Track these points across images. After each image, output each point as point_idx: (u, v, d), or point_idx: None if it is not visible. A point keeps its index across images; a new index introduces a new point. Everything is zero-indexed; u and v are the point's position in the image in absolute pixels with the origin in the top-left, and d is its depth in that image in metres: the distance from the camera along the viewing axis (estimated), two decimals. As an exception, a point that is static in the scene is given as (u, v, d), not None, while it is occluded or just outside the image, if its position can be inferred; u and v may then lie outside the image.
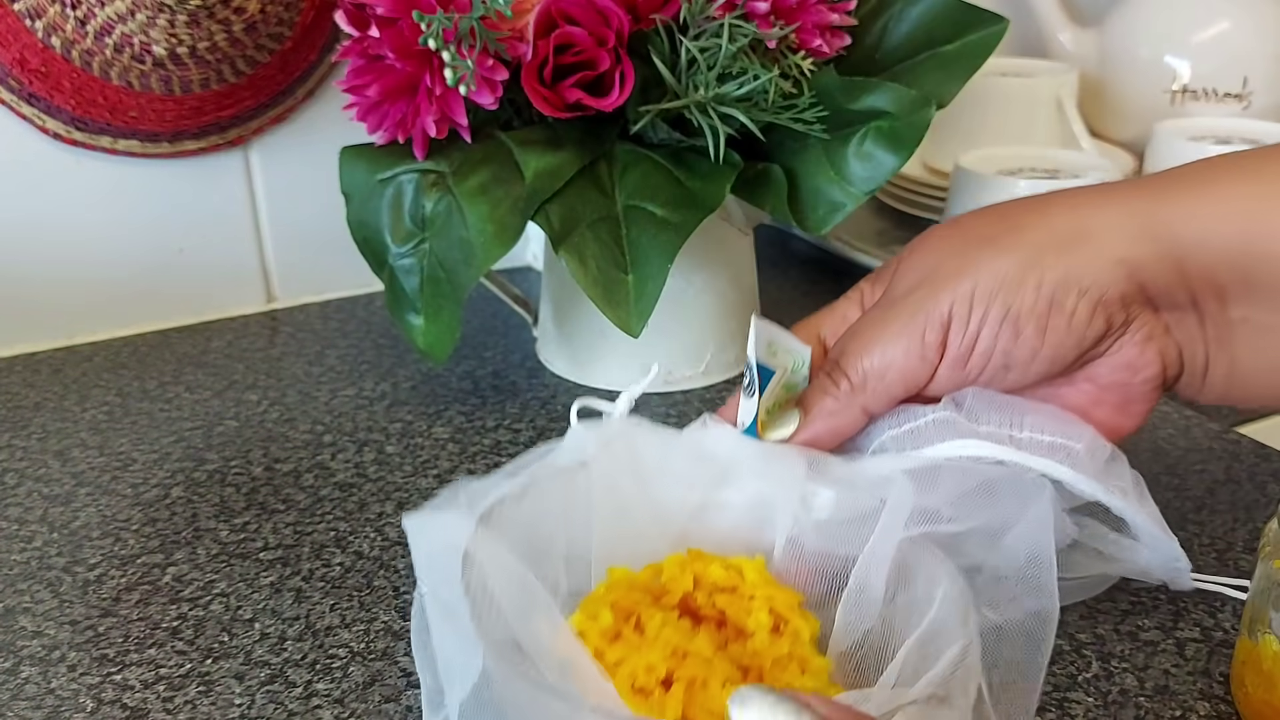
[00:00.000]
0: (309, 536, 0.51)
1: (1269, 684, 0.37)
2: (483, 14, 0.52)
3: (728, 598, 0.38)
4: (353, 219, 0.59)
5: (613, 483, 0.40)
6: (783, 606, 0.37)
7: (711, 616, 0.38)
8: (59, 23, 0.63)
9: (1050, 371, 0.40)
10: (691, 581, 0.38)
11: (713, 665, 0.34)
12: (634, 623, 0.36)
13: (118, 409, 0.63)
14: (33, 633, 0.45)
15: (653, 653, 0.34)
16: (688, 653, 0.34)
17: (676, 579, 0.38)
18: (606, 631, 0.35)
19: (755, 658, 0.36)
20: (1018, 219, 0.40)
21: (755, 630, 0.36)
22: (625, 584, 0.38)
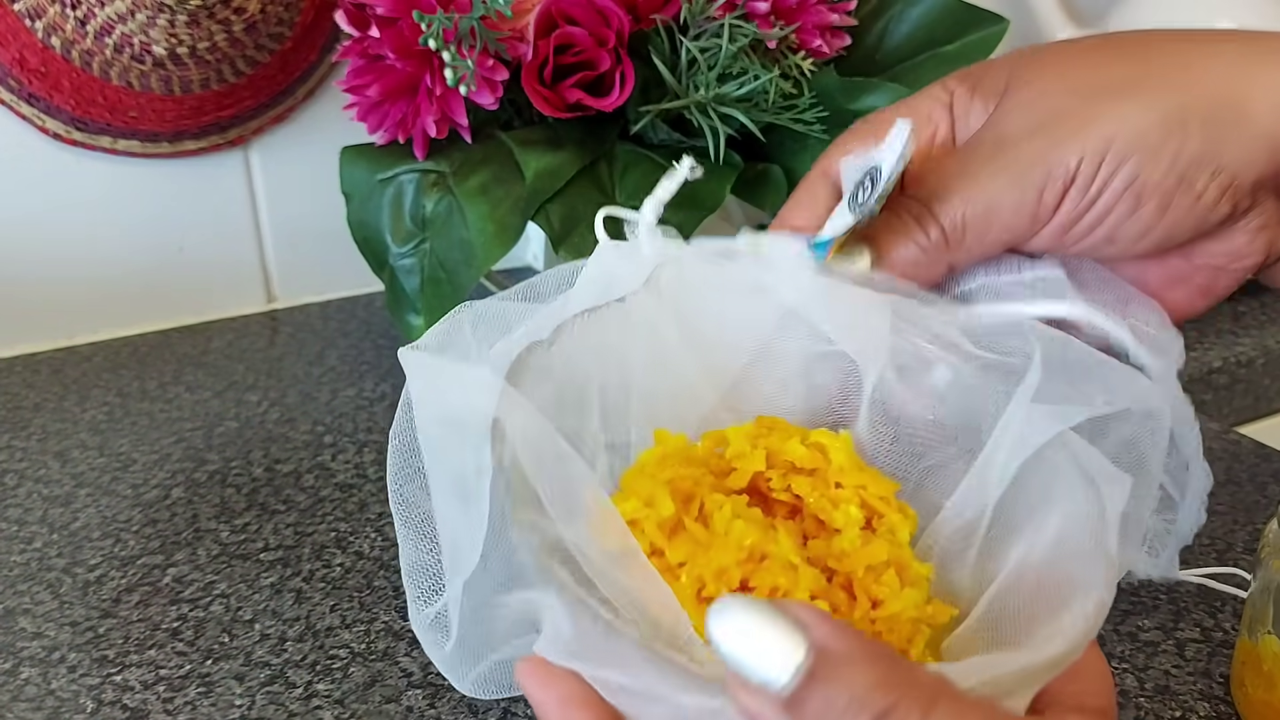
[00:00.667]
0: (309, 537, 0.51)
1: (1269, 684, 0.37)
2: (483, 14, 0.52)
3: (808, 482, 0.31)
4: (353, 219, 0.59)
5: (652, 326, 0.33)
6: (875, 498, 0.31)
7: (785, 503, 0.32)
8: (59, 23, 0.63)
9: (1154, 251, 0.35)
10: (764, 460, 0.31)
11: (798, 574, 0.28)
12: (696, 509, 0.30)
13: (118, 409, 0.63)
14: (33, 634, 0.45)
15: (724, 553, 0.28)
16: (765, 555, 0.28)
17: (746, 456, 0.31)
18: (665, 523, 0.28)
19: (843, 560, 0.30)
20: (1162, 63, 0.34)
21: (844, 527, 0.30)
22: (680, 456, 0.31)
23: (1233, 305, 0.78)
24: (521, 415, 0.28)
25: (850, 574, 0.29)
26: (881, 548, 0.29)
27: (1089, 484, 0.29)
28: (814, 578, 0.28)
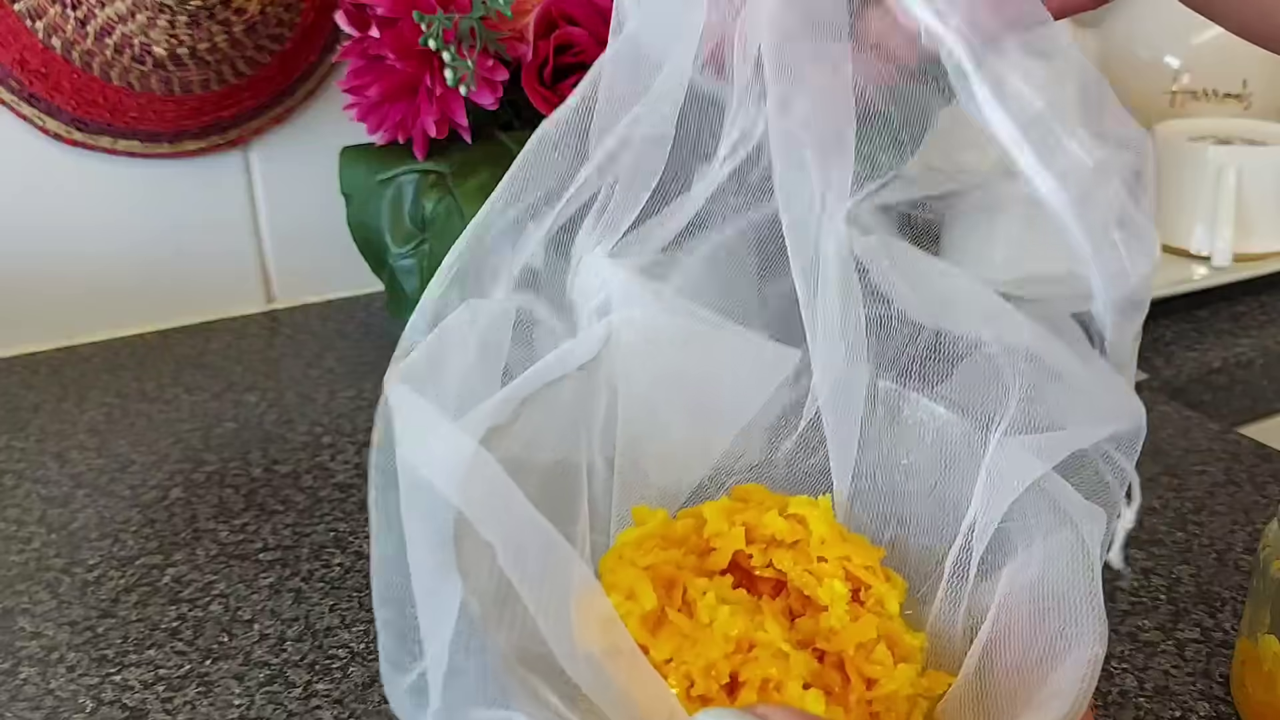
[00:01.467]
0: (308, 537, 0.51)
1: (1269, 684, 0.37)
2: (483, 14, 0.52)
3: (790, 556, 0.30)
4: (353, 220, 0.59)
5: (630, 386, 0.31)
6: (860, 568, 0.30)
7: (769, 579, 0.30)
8: (59, 23, 0.63)
9: None
10: (743, 537, 0.30)
11: (789, 661, 0.27)
12: (679, 598, 0.28)
13: (116, 410, 0.63)
14: (31, 634, 0.45)
15: (711, 647, 0.27)
16: (754, 643, 0.27)
17: (724, 534, 0.30)
18: (649, 617, 0.27)
19: (832, 639, 0.28)
20: None
21: (831, 603, 0.29)
22: (658, 537, 0.30)
23: (1232, 305, 0.79)
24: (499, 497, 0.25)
25: (841, 653, 0.28)
26: (871, 623, 0.28)
27: (1067, 524, 0.28)
28: (805, 663, 0.27)
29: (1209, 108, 0.89)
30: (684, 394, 0.32)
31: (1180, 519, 0.51)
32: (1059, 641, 0.26)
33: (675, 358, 0.32)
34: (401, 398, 0.27)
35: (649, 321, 0.31)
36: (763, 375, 0.32)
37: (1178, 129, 0.83)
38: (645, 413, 0.32)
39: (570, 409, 0.31)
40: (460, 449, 0.26)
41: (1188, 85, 0.89)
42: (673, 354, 0.32)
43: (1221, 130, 0.82)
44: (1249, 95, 0.88)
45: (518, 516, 0.25)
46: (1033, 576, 0.27)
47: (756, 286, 0.32)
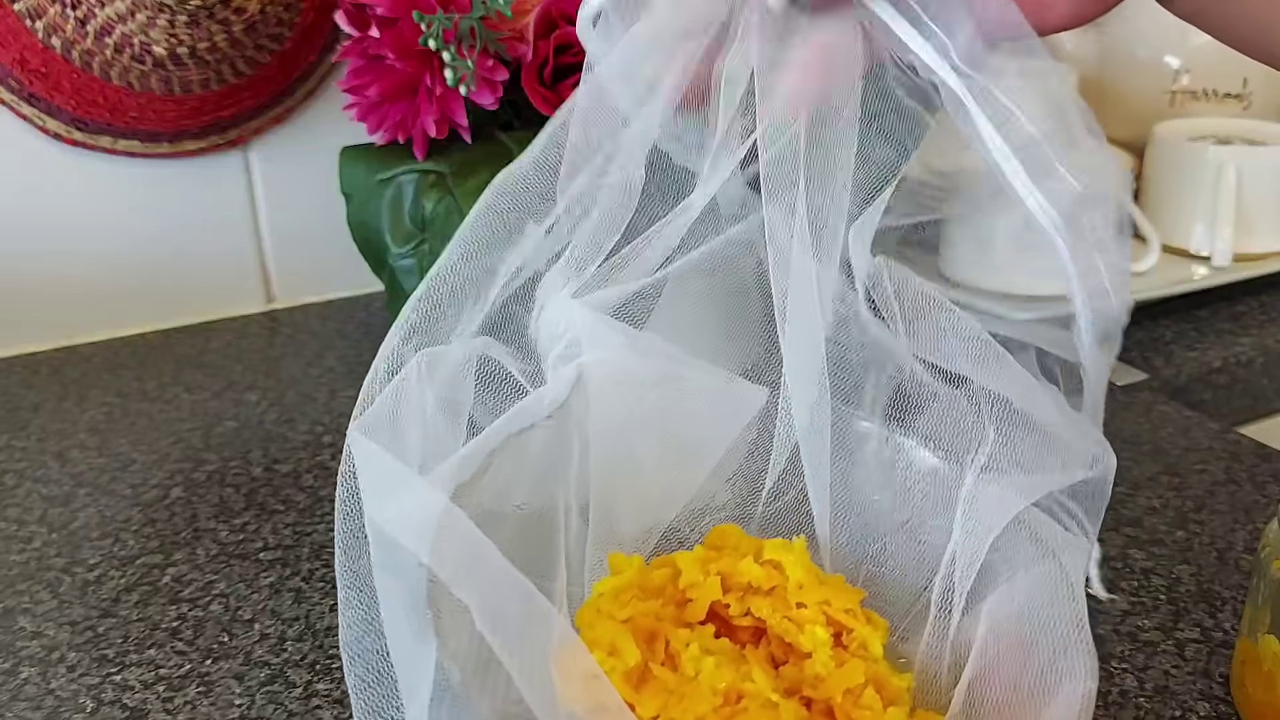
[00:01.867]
0: (308, 537, 0.51)
1: (1269, 684, 0.37)
2: (483, 14, 0.52)
3: (768, 603, 0.29)
4: (353, 219, 0.59)
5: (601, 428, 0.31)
6: (840, 612, 0.29)
7: (746, 627, 0.30)
8: (59, 23, 0.63)
9: None
10: (719, 587, 0.30)
11: (779, 711, 0.26)
12: (662, 650, 0.28)
13: (117, 409, 0.63)
14: (32, 633, 0.45)
15: (698, 701, 0.26)
16: (742, 694, 0.26)
17: (700, 585, 0.30)
18: (632, 673, 0.27)
19: (819, 686, 0.28)
20: None
21: (814, 649, 0.28)
22: (635, 587, 0.29)
23: (1232, 305, 0.79)
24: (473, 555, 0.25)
25: (829, 701, 0.28)
26: (857, 668, 0.28)
27: (1048, 555, 0.27)
28: (794, 712, 0.26)
29: (1209, 108, 0.89)
30: (655, 434, 0.32)
31: (1180, 518, 0.51)
32: (1049, 675, 0.26)
33: (646, 398, 0.31)
34: (365, 452, 0.27)
35: (619, 363, 0.31)
36: (733, 413, 0.32)
37: (1178, 129, 0.83)
38: (617, 454, 0.31)
39: (541, 456, 0.30)
40: (430, 505, 0.25)
41: (1188, 85, 0.89)
42: (643, 394, 0.31)
43: (1221, 130, 0.82)
44: (1249, 95, 0.88)
45: (493, 574, 0.24)
46: (1017, 609, 0.27)
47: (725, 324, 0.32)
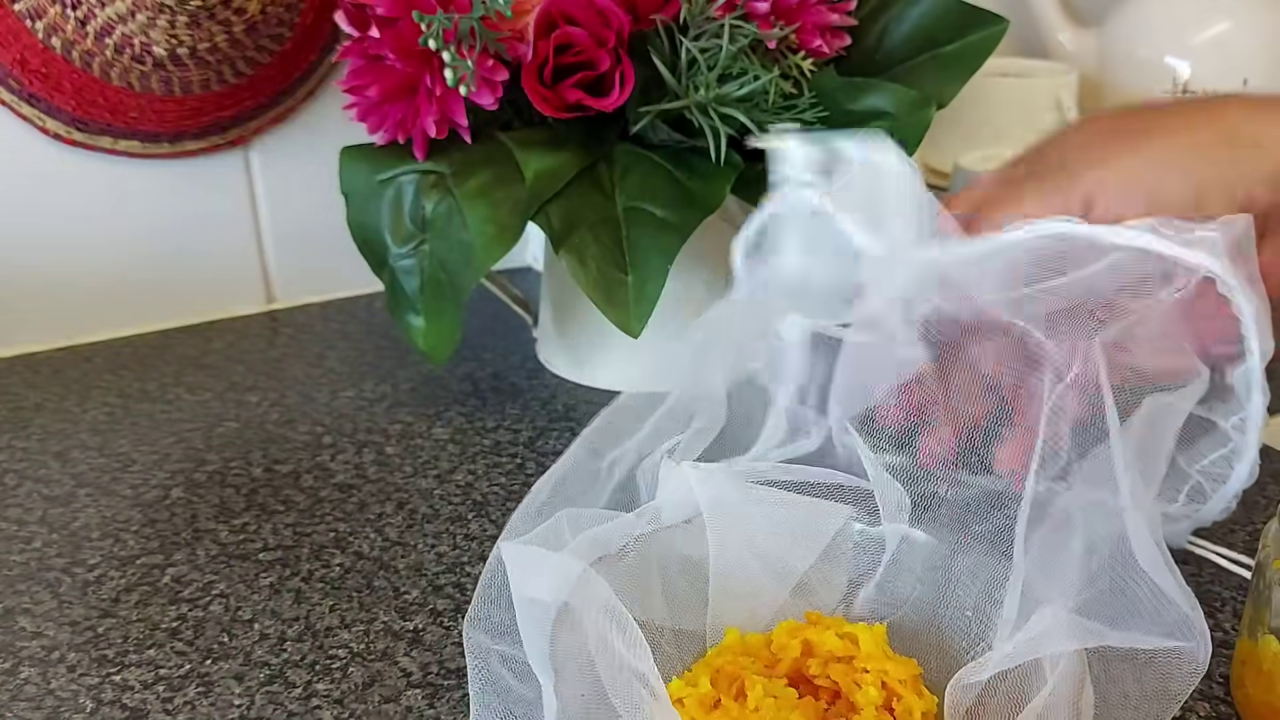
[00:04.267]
0: (308, 537, 0.51)
1: (1269, 684, 0.37)
2: (483, 14, 0.52)
3: (842, 668, 0.36)
4: (353, 220, 0.59)
5: (722, 540, 0.40)
6: (895, 681, 0.35)
7: (827, 688, 0.37)
8: (59, 23, 0.63)
9: None
10: (800, 648, 0.37)
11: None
12: (736, 690, 0.35)
13: (118, 410, 0.63)
14: (32, 633, 0.45)
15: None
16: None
17: (785, 646, 0.37)
18: (705, 699, 0.34)
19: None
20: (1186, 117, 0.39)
21: (864, 706, 0.35)
22: (736, 648, 0.37)
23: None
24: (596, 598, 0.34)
25: None
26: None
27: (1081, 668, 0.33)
28: None
29: (1209, 107, 0.89)
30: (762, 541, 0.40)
31: (1180, 519, 0.51)
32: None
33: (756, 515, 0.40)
34: (510, 548, 0.35)
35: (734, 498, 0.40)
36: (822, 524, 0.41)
37: (1178, 128, 0.83)
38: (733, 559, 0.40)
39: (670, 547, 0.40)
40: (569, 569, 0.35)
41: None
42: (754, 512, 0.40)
43: (1222, 130, 0.82)
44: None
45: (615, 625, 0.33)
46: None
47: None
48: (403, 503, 0.54)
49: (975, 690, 0.34)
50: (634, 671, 0.32)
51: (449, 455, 0.58)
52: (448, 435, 0.60)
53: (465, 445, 0.59)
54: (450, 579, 0.48)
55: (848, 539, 0.41)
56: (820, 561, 0.40)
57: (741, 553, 0.40)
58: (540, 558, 0.35)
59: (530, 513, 0.39)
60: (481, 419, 0.62)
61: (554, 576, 0.34)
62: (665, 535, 0.40)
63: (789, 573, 0.40)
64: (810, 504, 0.41)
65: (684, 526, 0.40)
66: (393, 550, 0.50)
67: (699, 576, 0.40)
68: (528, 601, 0.34)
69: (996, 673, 0.34)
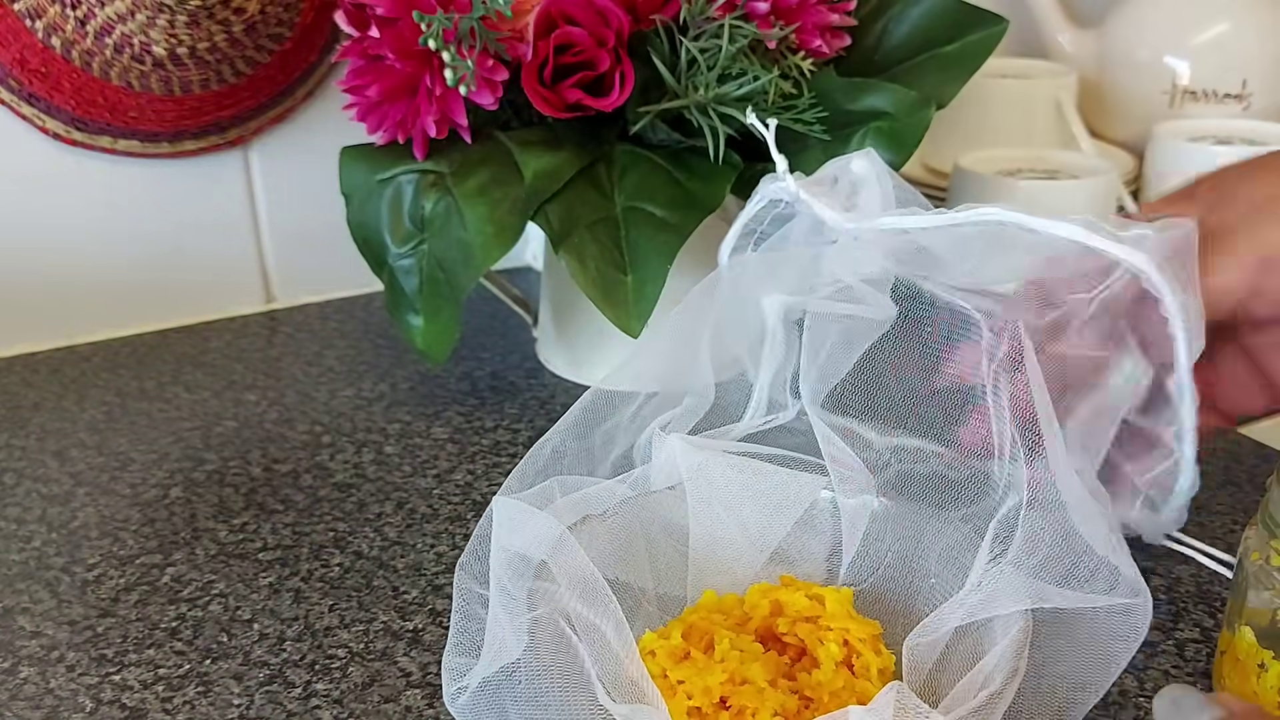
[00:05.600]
0: (308, 537, 0.51)
1: (1245, 674, 0.37)
2: (483, 14, 0.52)
3: (808, 627, 0.38)
4: (353, 219, 0.59)
5: (702, 506, 0.42)
6: (856, 639, 0.37)
7: (794, 645, 0.39)
8: (59, 23, 0.63)
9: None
10: (770, 607, 0.39)
11: (764, 695, 0.35)
12: (705, 644, 0.37)
13: (116, 409, 0.63)
14: (31, 633, 0.45)
15: (712, 675, 0.35)
16: (745, 679, 0.35)
17: (757, 605, 0.39)
18: (675, 651, 0.36)
19: (817, 689, 0.36)
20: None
21: (824, 661, 0.37)
22: (711, 606, 0.40)
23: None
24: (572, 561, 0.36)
25: (821, 699, 0.36)
26: (842, 676, 0.37)
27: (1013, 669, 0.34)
28: (779, 699, 0.35)
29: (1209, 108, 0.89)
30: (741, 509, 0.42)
31: (1180, 519, 0.51)
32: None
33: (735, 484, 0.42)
34: (502, 501, 0.37)
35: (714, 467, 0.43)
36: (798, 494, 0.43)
37: (1178, 129, 0.83)
38: (713, 525, 0.42)
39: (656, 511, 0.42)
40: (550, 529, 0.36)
41: (1188, 85, 0.89)
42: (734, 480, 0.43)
43: (1221, 130, 0.82)
44: (1249, 95, 0.88)
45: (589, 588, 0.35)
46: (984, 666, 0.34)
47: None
48: (402, 502, 0.54)
49: (935, 649, 0.36)
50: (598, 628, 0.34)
51: (448, 455, 0.58)
52: (447, 435, 0.60)
53: (464, 445, 0.59)
54: (450, 579, 0.48)
55: (824, 510, 0.43)
56: (797, 530, 0.43)
57: (721, 519, 0.42)
58: (526, 514, 0.37)
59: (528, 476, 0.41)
60: (480, 419, 0.62)
61: (535, 533, 0.36)
62: (651, 500, 0.42)
63: (766, 541, 0.42)
64: (789, 475, 0.43)
65: (669, 493, 0.42)
66: (392, 550, 0.50)
67: (682, 541, 0.42)
68: (507, 551, 0.36)
69: (955, 633, 0.36)
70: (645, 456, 0.43)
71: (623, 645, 0.35)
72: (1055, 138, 0.87)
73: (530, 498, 0.38)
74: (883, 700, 0.32)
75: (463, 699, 0.35)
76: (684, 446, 0.42)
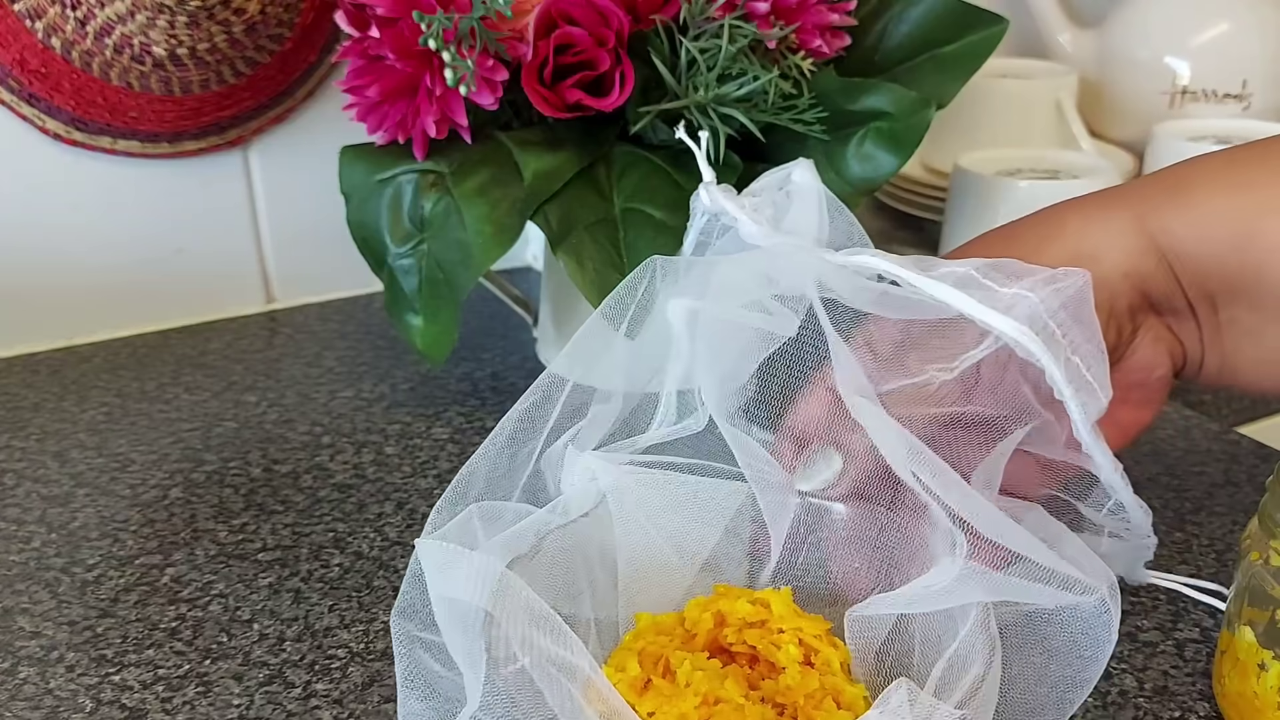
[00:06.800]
0: (307, 537, 0.51)
1: (1244, 674, 0.37)
2: (483, 14, 0.52)
3: (757, 632, 0.38)
4: (352, 219, 0.59)
5: (627, 525, 0.41)
6: (811, 637, 0.37)
7: (744, 653, 0.38)
8: (59, 23, 0.63)
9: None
10: (713, 620, 0.38)
11: (744, 712, 0.34)
12: (662, 668, 0.36)
13: (116, 410, 0.63)
14: (31, 633, 0.45)
15: (684, 701, 0.34)
16: (719, 699, 0.34)
17: (699, 620, 0.38)
18: (635, 682, 0.35)
19: (788, 694, 0.36)
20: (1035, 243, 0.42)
21: (787, 665, 0.36)
22: (652, 629, 0.38)
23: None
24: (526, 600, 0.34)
25: (795, 704, 0.35)
26: (814, 677, 0.36)
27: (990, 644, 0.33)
28: (760, 714, 0.34)
29: (1209, 108, 0.89)
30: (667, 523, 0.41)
31: (1180, 519, 0.51)
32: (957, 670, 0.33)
33: (658, 498, 0.41)
34: (427, 546, 0.35)
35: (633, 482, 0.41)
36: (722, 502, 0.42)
37: (1178, 129, 0.83)
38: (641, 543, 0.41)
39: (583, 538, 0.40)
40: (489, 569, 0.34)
41: (1188, 85, 0.89)
42: (657, 495, 0.41)
43: (1221, 130, 0.82)
44: (1249, 95, 0.88)
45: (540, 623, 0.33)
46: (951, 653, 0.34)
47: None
48: (402, 503, 0.54)
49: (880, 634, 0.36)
50: (563, 664, 0.32)
51: (448, 455, 0.58)
52: (447, 435, 0.60)
53: (464, 445, 0.59)
54: (449, 579, 0.48)
55: (748, 515, 0.42)
56: (724, 539, 0.42)
57: (650, 535, 0.41)
58: (457, 556, 0.34)
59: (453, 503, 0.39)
60: (481, 419, 0.62)
61: (472, 577, 0.34)
62: (578, 527, 0.40)
63: (695, 552, 0.41)
64: (711, 484, 0.42)
65: (594, 516, 0.40)
66: (392, 550, 0.50)
67: (614, 566, 0.41)
68: (447, 601, 0.34)
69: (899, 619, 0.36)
70: (556, 472, 0.41)
71: (598, 680, 0.33)
72: (1055, 138, 0.87)
73: (451, 532, 0.36)
74: (896, 698, 0.31)
75: None
76: (601, 465, 0.40)
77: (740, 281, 0.39)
